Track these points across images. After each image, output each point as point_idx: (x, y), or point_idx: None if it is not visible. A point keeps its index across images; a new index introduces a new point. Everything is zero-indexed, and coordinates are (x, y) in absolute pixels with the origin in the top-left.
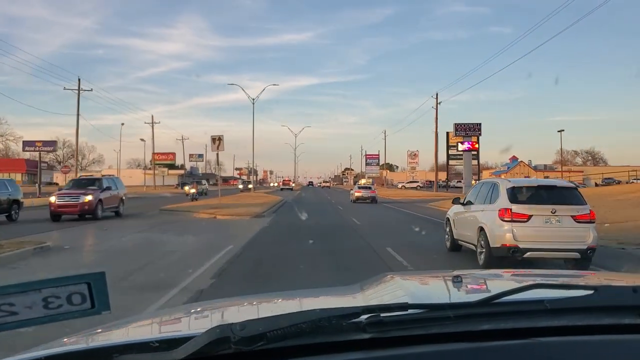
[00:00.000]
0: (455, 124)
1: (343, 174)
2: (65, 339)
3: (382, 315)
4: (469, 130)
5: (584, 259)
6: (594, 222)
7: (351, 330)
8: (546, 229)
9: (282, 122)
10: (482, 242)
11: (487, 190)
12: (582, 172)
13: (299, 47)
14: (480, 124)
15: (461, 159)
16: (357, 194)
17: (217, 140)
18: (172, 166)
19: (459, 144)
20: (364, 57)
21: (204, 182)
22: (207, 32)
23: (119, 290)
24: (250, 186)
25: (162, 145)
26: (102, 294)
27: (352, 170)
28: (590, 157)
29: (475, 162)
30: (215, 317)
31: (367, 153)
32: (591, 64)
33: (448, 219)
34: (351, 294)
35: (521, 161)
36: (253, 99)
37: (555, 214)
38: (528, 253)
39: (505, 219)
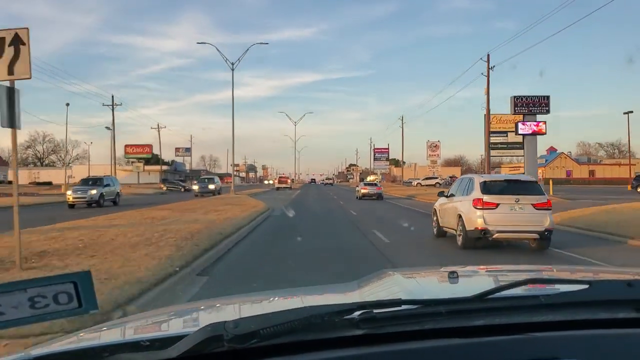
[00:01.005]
0: (515, 97)
1: (348, 170)
2: (56, 339)
3: (375, 311)
4: (534, 106)
5: (543, 239)
6: (550, 209)
7: (344, 327)
8: (511, 214)
9: (284, 120)
10: (461, 227)
11: (465, 184)
12: (635, 165)
13: (302, 44)
14: (548, 97)
15: (502, 147)
16: (363, 191)
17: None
18: (156, 160)
19: (519, 124)
20: (367, 54)
21: (105, 178)
22: (208, 28)
23: None
24: (212, 187)
25: (155, 142)
26: (89, 294)
27: (358, 166)
28: (616, 150)
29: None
30: (208, 316)
31: (376, 147)
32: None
33: (435, 210)
34: (347, 291)
35: (562, 153)
36: (232, 63)
37: (519, 202)
38: (496, 234)
39: (478, 207)
